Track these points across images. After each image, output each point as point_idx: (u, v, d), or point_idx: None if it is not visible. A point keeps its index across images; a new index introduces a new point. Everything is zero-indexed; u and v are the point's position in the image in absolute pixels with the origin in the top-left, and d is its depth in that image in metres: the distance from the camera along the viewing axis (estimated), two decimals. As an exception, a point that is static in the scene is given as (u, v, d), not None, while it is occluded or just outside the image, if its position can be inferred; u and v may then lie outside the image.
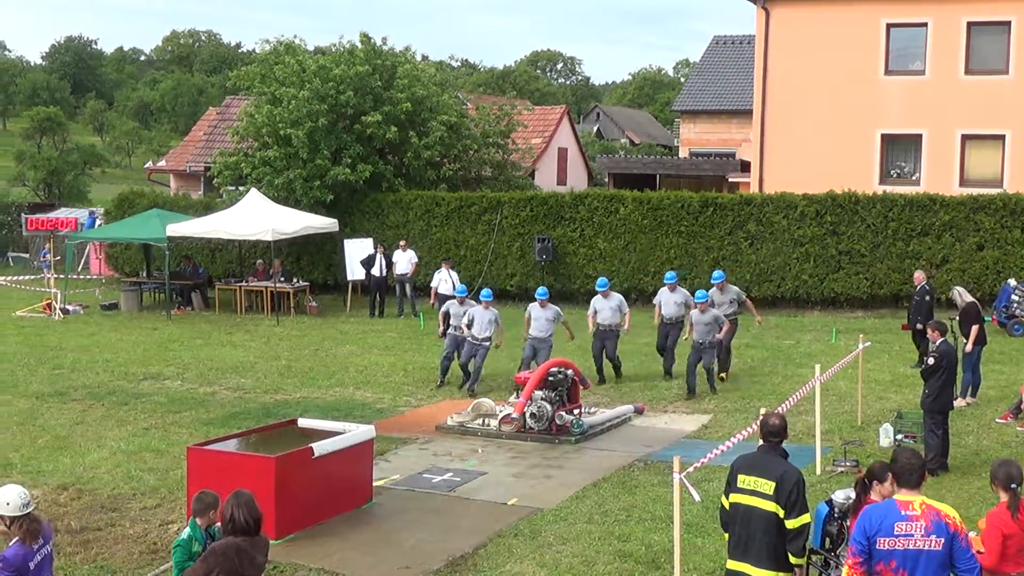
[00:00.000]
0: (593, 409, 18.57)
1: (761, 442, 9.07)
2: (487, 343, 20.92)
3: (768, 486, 8.67)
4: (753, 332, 27.16)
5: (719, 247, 30.71)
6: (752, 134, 36.99)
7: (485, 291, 21.89)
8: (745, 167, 39.87)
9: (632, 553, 11.81)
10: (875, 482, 9.10)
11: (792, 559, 8.68)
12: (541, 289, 21.93)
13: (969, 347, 19.01)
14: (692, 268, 30.90)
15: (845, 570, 7.61)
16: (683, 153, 48.63)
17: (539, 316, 20.96)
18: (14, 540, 8.42)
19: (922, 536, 7.39)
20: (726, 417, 18.30)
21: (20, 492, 8.48)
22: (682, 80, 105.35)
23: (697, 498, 10.13)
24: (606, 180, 47.02)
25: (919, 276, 22.65)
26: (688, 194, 31.80)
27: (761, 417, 9.36)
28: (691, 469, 10.67)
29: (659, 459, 15.60)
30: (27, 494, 8.50)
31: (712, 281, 22.30)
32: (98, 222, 42.97)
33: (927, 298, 21.94)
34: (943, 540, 7.40)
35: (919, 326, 21.14)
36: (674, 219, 31.18)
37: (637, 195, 32.13)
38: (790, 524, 8.59)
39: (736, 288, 22.84)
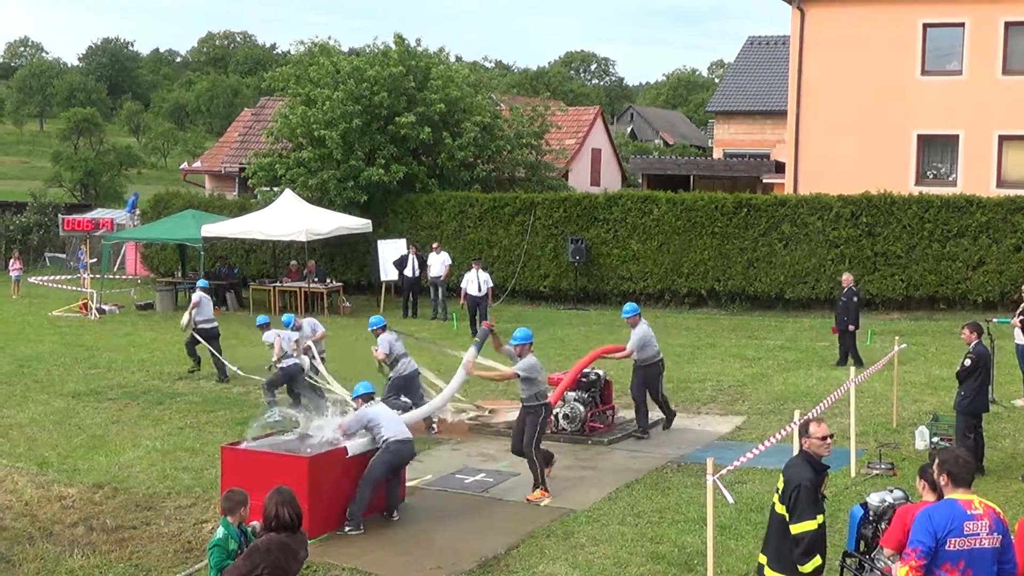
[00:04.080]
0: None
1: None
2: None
3: (781, 484, 8.52)
4: (787, 334, 27.09)
5: (753, 248, 30.58)
6: (786, 135, 36.82)
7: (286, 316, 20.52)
8: (779, 168, 39.68)
9: (665, 555, 11.77)
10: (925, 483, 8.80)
11: (798, 567, 8.32)
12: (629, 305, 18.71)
13: None
14: (726, 270, 30.81)
15: (903, 570, 7.39)
16: (717, 154, 48.48)
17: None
18: None
19: (987, 535, 7.34)
20: (760, 419, 18.22)
21: None
22: (716, 81, 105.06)
23: (731, 500, 10.08)
24: (640, 181, 46.91)
25: (847, 278, 23.39)
26: (722, 195, 31.71)
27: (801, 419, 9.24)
28: (724, 471, 10.61)
29: (692, 461, 15.54)
30: None
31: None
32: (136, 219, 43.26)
33: (854, 299, 22.84)
34: (1000, 537, 7.38)
35: (851, 327, 22.53)
36: (708, 220, 31.07)
37: (671, 196, 32.05)
38: (791, 528, 8.31)
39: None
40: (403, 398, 17.29)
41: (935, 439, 15.72)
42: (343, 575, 11.59)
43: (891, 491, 9.89)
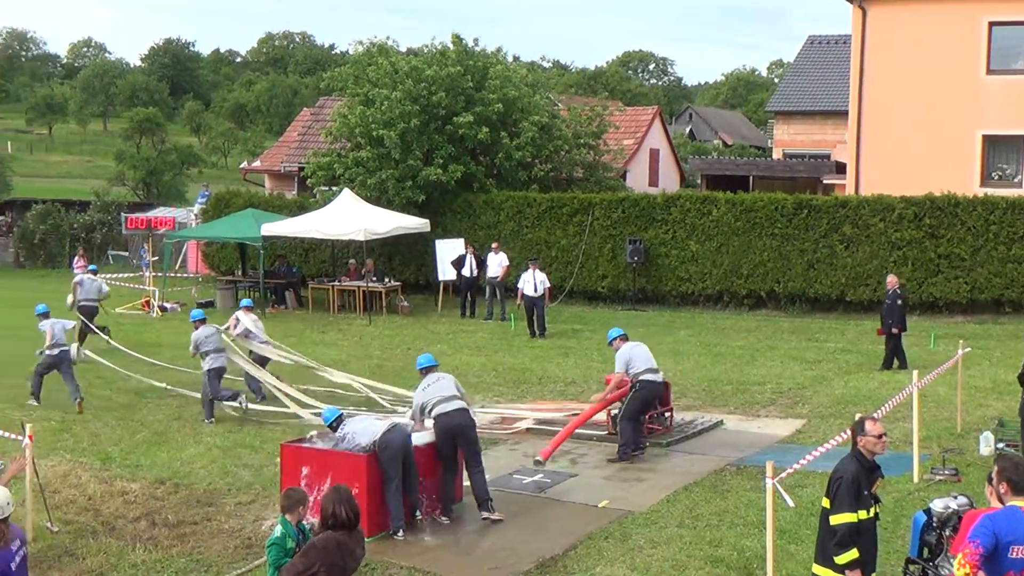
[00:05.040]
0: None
1: None
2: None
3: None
4: (849, 337, 26.84)
5: (813, 250, 30.32)
6: (847, 135, 36.46)
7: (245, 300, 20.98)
8: (840, 169, 39.31)
9: (724, 559, 11.70)
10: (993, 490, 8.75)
11: (833, 558, 8.47)
12: None
13: None
14: (786, 271, 30.58)
15: (959, 558, 7.28)
16: (777, 154, 48.11)
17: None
18: None
19: None
20: (820, 422, 18.06)
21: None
22: (776, 81, 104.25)
23: (790, 503, 10.01)
24: (698, 182, 46.70)
25: (892, 280, 23.21)
26: (782, 196, 31.47)
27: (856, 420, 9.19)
28: (784, 475, 10.54)
29: (751, 464, 15.44)
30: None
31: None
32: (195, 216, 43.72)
33: (899, 302, 22.65)
34: None
35: (895, 330, 22.35)
36: (768, 221, 30.86)
37: (730, 197, 31.86)
38: (830, 519, 8.50)
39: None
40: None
41: (1000, 444, 15.51)
42: (401, 573, 11.63)
43: (955, 497, 9.79)
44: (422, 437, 13.20)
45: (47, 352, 19.83)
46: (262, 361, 20.72)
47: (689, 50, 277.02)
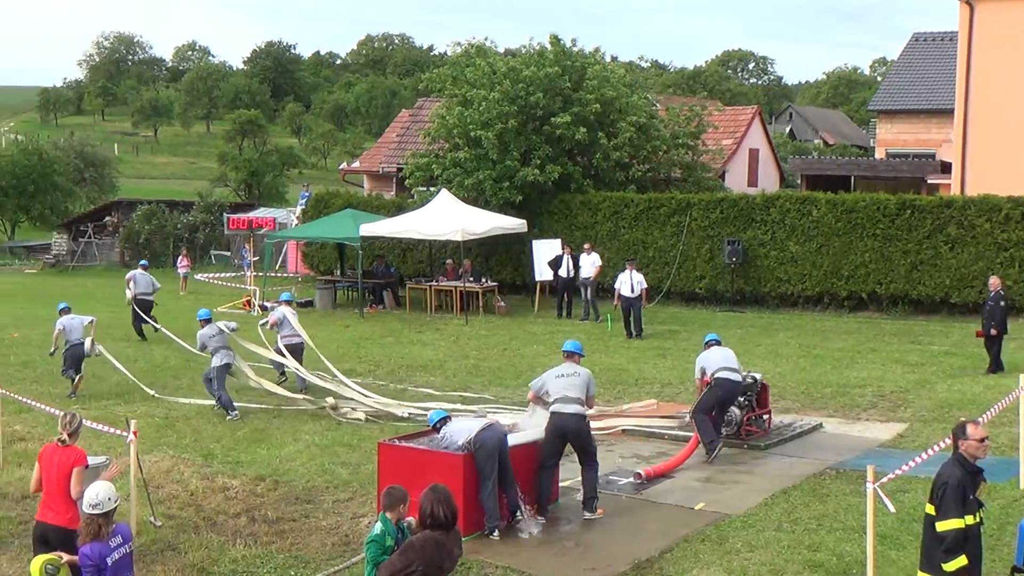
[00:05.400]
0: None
1: None
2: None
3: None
4: (953, 339, 26.32)
5: (916, 251, 29.77)
6: (953, 134, 35.73)
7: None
8: (945, 168, 38.55)
9: (823, 563, 11.55)
10: None
11: (942, 566, 8.38)
12: None
13: None
14: (888, 273, 30.07)
15: None
16: (879, 154, 47.30)
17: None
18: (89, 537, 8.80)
19: None
20: (923, 427, 17.73)
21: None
22: (879, 79, 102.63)
23: (892, 509, 9.85)
24: (798, 182, 46.12)
25: (995, 282, 22.75)
26: (884, 196, 30.96)
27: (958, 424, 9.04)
28: (886, 479, 10.38)
29: (852, 468, 15.21)
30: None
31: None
32: (295, 216, 44.31)
33: (1001, 304, 22.17)
34: None
35: (993, 331, 21.87)
36: (869, 222, 30.37)
37: (831, 197, 31.42)
38: (937, 526, 8.40)
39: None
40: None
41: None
42: (496, 573, 11.67)
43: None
44: (518, 438, 13.22)
45: (64, 349, 21.21)
46: (295, 352, 21.27)
47: (790, 49, 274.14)
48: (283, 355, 21.16)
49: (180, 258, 43.75)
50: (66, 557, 9.27)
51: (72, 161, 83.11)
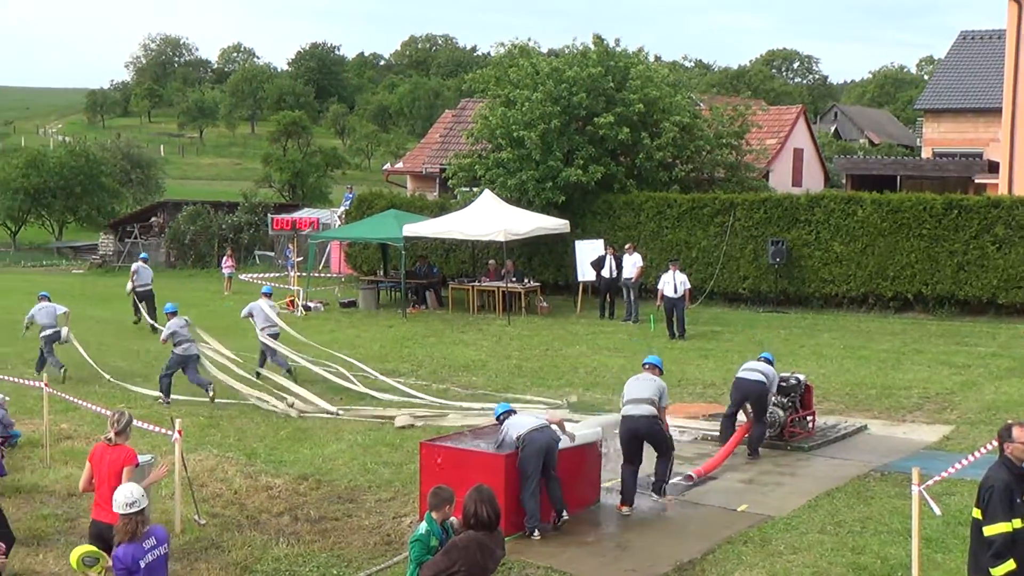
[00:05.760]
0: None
1: None
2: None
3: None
4: (1000, 341, 26.06)
5: (963, 251, 29.47)
6: (1001, 133, 35.35)
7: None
8: (993, 168, 38.15)
9: (867, 566, 11.46)
10: None
11: (990, 570, 8.32)
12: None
13: None
14: (934, 273, 29.80)
15: None
16: (926, 153, 46.91)
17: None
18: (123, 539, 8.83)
19: None
20: (969, 429, 17.56)
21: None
22: (925, 78, 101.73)
23: (937, 512, 9.77)
24: (843, 181, 45.79)
25: None
26: (931, 196, 30.66)
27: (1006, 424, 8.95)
28: (931, 482, 10.29)
29: (897, 470, 15.08)
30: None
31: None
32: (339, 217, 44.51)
33: None
34: None
35: None
36: (915, 222, 30.09)
37: (876, 197, 31.16)
38: (984, 531, 8.34)
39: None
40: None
41: None
42: (537, 573, 11.66)
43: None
44: (566, 441, 13.18)
45: (41, 336, 23.54)
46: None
47: (835, 48, 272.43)
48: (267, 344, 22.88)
49: (225, 258, 44.04)
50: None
51: (119, 162, 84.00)
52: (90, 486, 10.72)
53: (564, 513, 12.93)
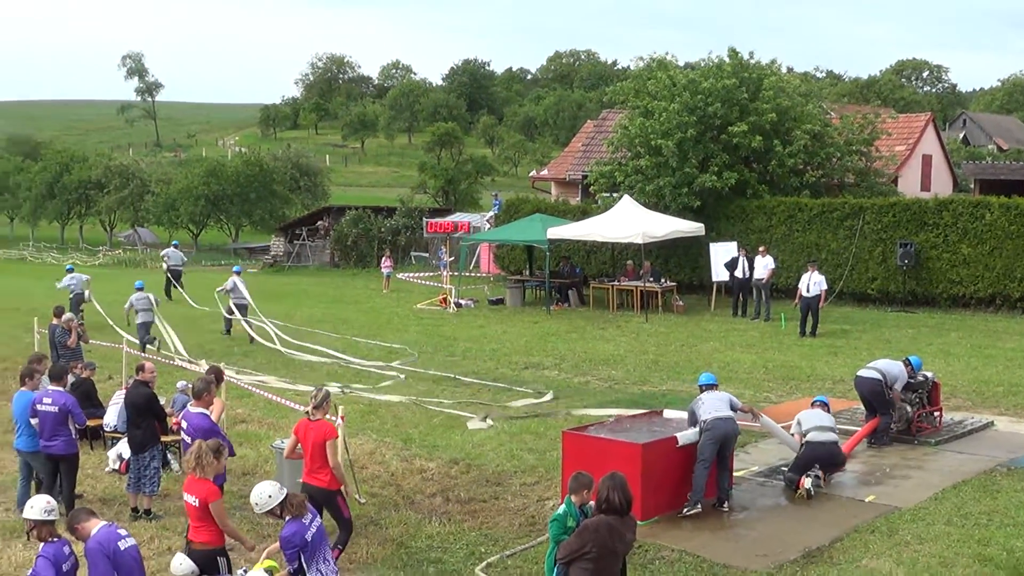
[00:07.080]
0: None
1: None
2: None
3: None
4: None
5: (1092, 254, 28.27)
6: None
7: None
8: (1123, 172, 36.53)
9: (993, 558, 11.10)
10: None
11: None
12: None
13: None
14: (1062, 275, 28.67)
15: None
16: (1055, 159, 45.17)
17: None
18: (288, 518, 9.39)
19: None
20: (1097, 427, 16.87)
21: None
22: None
23: (1063, 507, 9.40)
24: (972, 186, 44.34)
25: None
26: (1060, 200, 29.51)
27: None
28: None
29: (1023, 465, 14.58)
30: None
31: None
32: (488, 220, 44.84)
33: None
34: None
35: None
36: (1044, 225, 28.97)
37: (1004, 201, 30.10)
38: None
39: None
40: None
41: None
42: (671, 556, 11.59)
43: None
44: (691, 436, 13.08)
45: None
46: (241, 311, 27.97)
47: (965, 57, 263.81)
48: (232, 313, 28.03)
49: (384, 259, 44.76)
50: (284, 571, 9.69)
51: (289, 171, 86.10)
52: (295, 454, 11.58)
53: (727, 504, 12.92)
